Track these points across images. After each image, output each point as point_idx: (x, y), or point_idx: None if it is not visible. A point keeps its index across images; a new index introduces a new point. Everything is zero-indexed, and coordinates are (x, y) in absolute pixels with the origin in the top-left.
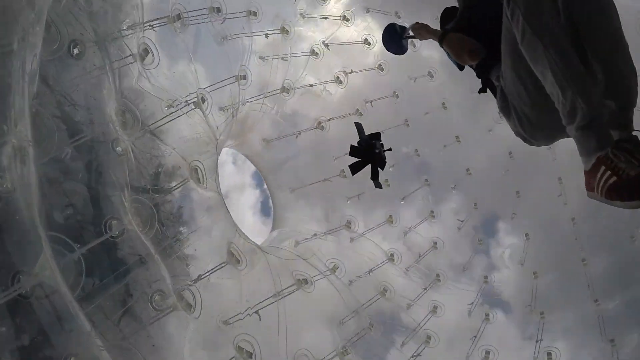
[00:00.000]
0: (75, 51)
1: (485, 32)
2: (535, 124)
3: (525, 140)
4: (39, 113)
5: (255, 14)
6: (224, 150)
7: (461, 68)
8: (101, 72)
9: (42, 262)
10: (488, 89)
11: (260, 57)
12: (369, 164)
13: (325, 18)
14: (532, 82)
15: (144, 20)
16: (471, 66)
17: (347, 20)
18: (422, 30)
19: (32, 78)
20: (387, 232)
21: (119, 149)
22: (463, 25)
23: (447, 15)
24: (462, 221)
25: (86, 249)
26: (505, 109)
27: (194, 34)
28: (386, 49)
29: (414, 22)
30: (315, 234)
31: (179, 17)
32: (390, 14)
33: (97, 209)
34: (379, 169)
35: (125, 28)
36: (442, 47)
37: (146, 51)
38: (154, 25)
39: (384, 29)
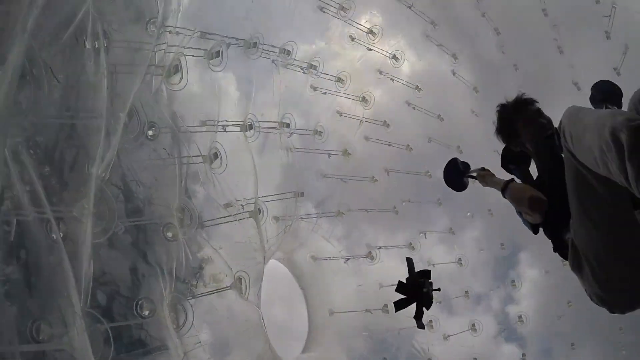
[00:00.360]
0: (150, 132)
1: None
2: (610, 270)
3: (603, 301)
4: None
5: (320, 134)
6: (270, 262)
7: (535, 230)
8: (170, 161)
9: (72, 334)
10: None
11: (321, 175)
12: (415, 303)
13: (389, 145)
14: (599, 213)
15: (219, 122)
16: (544, 227)
17: (411, 149)
18: (487, 178)
19: (108, 161)
20: None
21: (169, 234)
22: (536, 185)
23: (509, 154)
24: None
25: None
26: (578, 264)
27: (261, 141)
28: (445, 183)
29: (480, 167)
30: None
31: (251, 126)
32: (452, 147)
33: (134, 286)
34: (424, 308)
35: (199, 124)
36: (505, 197)
37: (216, 155)
38: (227, 129)
39: (446, 163)
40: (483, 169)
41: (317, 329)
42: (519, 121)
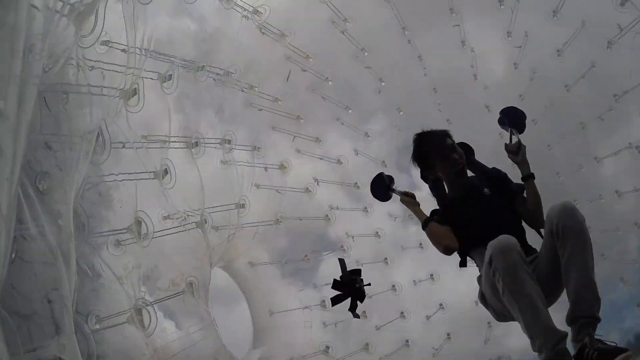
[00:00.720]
0: (107, 153)
1: (467, 219)
2: (510, 317)
3: (497, 320)
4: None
5: (259, 149)
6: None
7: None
8: (124, 177)
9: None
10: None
11: (256, 185)
12: (349, 297)
13: (321, 159)
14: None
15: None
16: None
17: (341, 163)
18: (410, 205)
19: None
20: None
21: (116, 247)
22: (447, 205)
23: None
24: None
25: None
26: (484, 302)
27: (205, 157)
28: (372, 194)
29: (405, 191)
30: (291, 358)
31: (197, 144)
32: (377, 161)
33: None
34: (358, 302)
35: (150, 142)
36: (423, 230)
37: (166, 171)
38: (176, 147)
39: (373, 177)
40: (407, 193)
41: (260, 329)
42: (434, 156)
